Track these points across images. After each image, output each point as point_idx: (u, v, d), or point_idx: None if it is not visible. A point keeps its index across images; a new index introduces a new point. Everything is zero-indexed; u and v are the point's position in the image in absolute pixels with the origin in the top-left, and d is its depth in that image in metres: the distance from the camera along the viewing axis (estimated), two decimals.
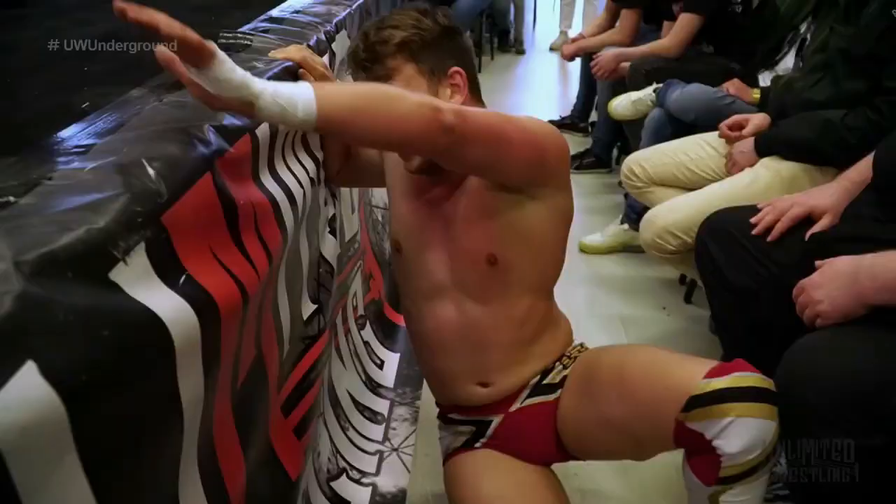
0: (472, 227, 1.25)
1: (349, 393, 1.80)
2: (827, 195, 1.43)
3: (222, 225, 0.91)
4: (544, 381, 1.32)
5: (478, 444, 1.35)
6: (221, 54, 0.89)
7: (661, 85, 2.69)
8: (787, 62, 2.42)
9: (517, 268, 1.26)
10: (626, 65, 3.10)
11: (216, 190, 0.89)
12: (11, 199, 0.71)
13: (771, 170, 1.82)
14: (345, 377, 1.74)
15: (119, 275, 0.67)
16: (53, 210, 0.68)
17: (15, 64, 1.35)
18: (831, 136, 1.71)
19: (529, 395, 1.32)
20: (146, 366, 0.67)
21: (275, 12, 1.77)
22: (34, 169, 0.79)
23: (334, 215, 1.55)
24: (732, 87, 2.45)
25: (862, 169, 1.42)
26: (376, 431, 1.84)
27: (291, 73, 1.25)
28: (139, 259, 0.71)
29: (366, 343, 1.90)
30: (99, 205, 0.69)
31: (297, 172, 1.26)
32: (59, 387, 0.53)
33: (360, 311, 1.85)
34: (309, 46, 1.40)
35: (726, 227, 1.53)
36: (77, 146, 0.86)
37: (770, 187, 1.76)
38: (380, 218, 2.29)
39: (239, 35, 1.46)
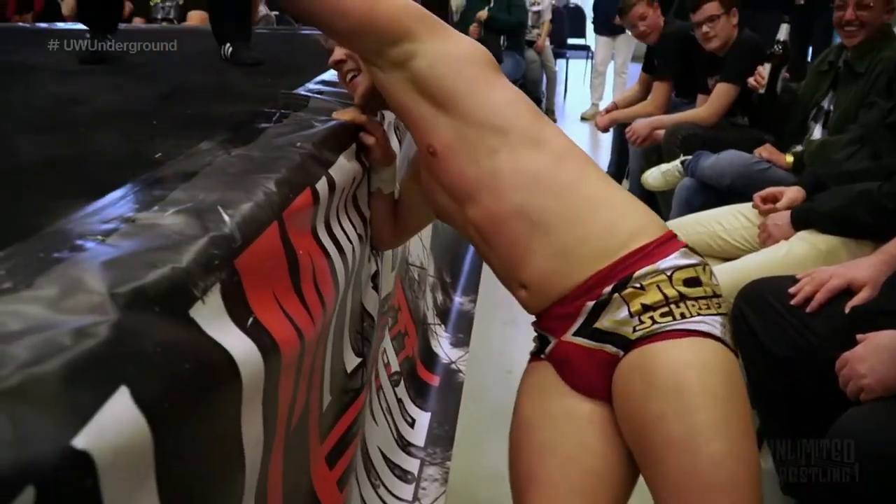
0: (411, 133, 1.27)
1: (380, 450, 1.80)
2: (866, 267, 1.45)
3: (285, 273, 0.95)
4: (597, 324, 1.09)
5: (542, 357, 1.21)
6: None
7: (689, 157, 2.75)
8: (815, 135, 2.48)
9: (450, 140, 1.18)
10: (660, 132, 3.17)
11: (281, 239, 0.93)
12: (100, 238, 0.75)
13: (807, 242, 1.84)
14: (376, 433, 1.75)
15: (197, 312, 0.71)
16: (139, 249, 0.72)
17: (86, 115, 1.42)
18: (867, 204, 1.73)
19: (582, 332, 1.11)
20: (218, 401, 0.70)
21: (326, 76, 1.85)
22: (115, 213, 0.84)
23: (377, 271, 1.59)
24: (766, 151, 2.49)
25: None
26: (406, 490, 1.84)
27: (349, 132, 1.31)
28: (214, 299, 0.74)
29: (399, 400, 1.91)
30: (180, 246, 0.74)
31: (347, 230, 1.30)
32: (148, 413, 0.56)
33: (395, 368, 1.87)
34: None
35: (764, 296, 1.54)
36: (155, 193, 0.91)
37: (806, 260, 1.77)
38: (416, 276, 2.33)
39: (297, 95, 1.54)
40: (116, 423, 0.53)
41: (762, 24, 3.11)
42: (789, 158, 2.40)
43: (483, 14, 5.23)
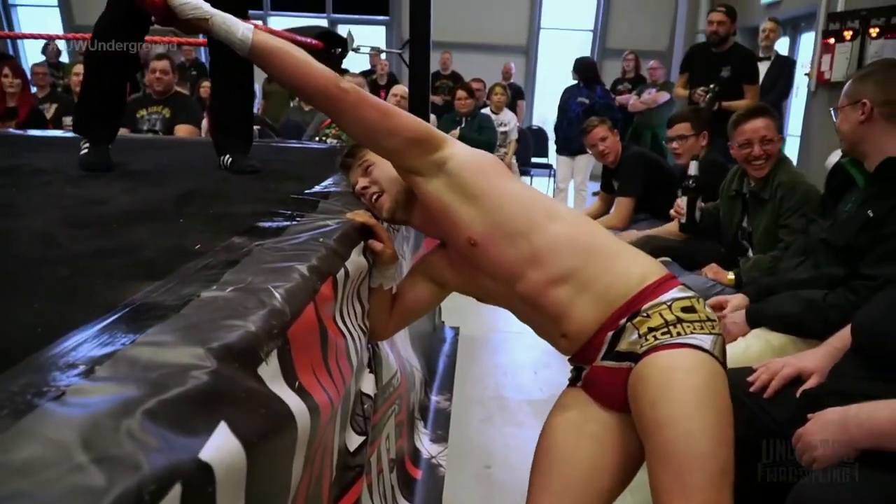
0: (449, 232, 1.50)
1: None
2: (814, 358, 1.62)
3: (318, 349, 1.08)
4: (617, 348, 1.35)
5: (578, 383, 1.47)
6: None
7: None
8: (751, 254, 2.76)
9: (487, 230, 1.42)
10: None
11: (316, 319, 1.07)
12: (175, 308, 0.89)
13: (761, 339, 2.03)
14: None
15: (263, 371, 0.84)
16: (214, 318, 0.86)
17: (115, 214, 1.55)
18: (816, 314, 1.92)
19: (606, 356, 1.38)
20: (283, 442, 0.83)
21: (326, 182, 2.03)
22: (182, 290, 0.97)
23: (370, 358, 1.71)
24: (711, 271, 2.75)
25: (843, 336, 1.62)
26: None
27: (358, 230, 1.47)
28: (273, 362, 0.88)
29: (392, 487, 1.99)
30: (247, 315, 0.87)
31: (354, 319, 1.44)
32: (243, 442, 0.69)
33: (392, 455, 1.95)
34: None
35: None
36: (207, 276, 1.05)
37: (762, 355, 1.94)
38: (413, 372, 2.44)
39: (305, 198, 1.71)
40: (225, 446, 0.66)
41: (719, 147, 3.45)
42: (731, 277, 2.66)
43: (455, 133, 5.54)
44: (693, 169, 3.08)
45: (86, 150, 2.28)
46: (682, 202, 3.09)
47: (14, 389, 0.63)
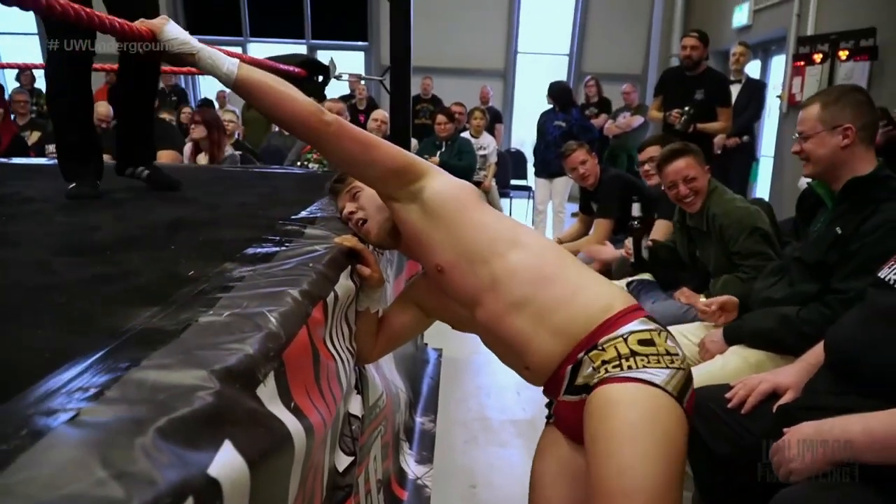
0: (422, 257, 1.56)
1: None
2: (789, 373, 1.68)
3: (311, 370, 1.12)
4: (576, 381, 1.38)
5: (551, 420, 1.54)
6: (166, 23, 1.49)
7: (633, 279, 3.06)
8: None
9: (453, 257, 1.47)
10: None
11: (309, 341, 1.11)
12: (176, 331, 0.92)
13: (739, 356, 2.08)
14: None
15: (261, 392, 0.88)
16: (214, 341, 0.89)
17: (108, 241, 1.58)
18: (791, 329, 1.98)
19: (568, 391, 1.41)
20: (281, 459, 0.86)
21: (311, 209, 2.07)
22: (180, 315, 1.01)
23: (357, 379, 1.75)
24: (683, 295, 2.80)
25: (817, 352, 1.68)
26: None
27: (346, 255, 1.51)
28: (271, 383, 0.92)
29: None
30: (245, 339, 0.91)
31: (343, 341, 1.48)
32: (247, 460, 0.73)
33: (379, 476, 1.98)
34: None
35: (706, 402, 1.74)
36: (204, 301, 1.08)
37: (740, 371, 2.00)
38: (398, 394, 2.47)
39: (292, 224, 1.74)
40: (230, 463, 0.70)
41: None
42: (703, 300, 2.71)
43: (435, 160, 5.60)
44: (636, 210, 3.18)
45: (73, 185, 2.31)
46: (629, 243, 3.17)
47: (30, 412, 0.66)
